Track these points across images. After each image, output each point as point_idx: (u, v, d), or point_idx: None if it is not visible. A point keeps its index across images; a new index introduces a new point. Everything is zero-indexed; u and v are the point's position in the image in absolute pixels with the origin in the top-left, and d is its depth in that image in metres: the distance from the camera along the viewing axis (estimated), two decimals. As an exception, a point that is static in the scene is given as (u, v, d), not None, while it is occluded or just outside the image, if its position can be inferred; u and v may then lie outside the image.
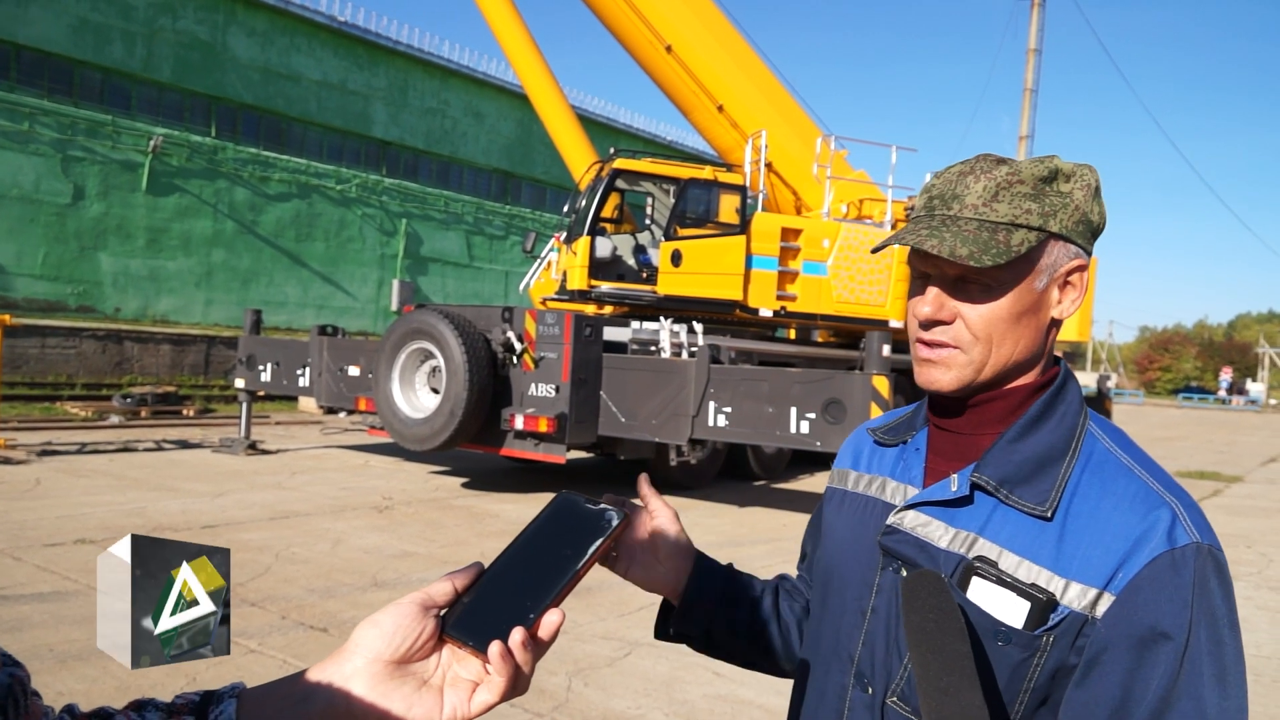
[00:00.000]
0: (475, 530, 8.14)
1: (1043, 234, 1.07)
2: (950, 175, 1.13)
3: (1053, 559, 1.03)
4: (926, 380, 1.14)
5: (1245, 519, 11.36)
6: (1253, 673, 5.38)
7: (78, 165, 21.52)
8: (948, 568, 1.08)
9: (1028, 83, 26.43)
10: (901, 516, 1.15)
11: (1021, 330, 1.10)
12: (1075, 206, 1.09)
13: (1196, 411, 50.07)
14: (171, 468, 10.54)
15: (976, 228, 1.07)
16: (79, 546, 6.68)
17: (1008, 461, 1.09)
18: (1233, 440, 26.47)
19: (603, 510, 0.93)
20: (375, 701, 0.82)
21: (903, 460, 1.22)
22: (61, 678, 4.31)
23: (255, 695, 0.82)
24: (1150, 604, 0.97)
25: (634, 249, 12.05)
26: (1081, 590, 1.00)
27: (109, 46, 23.02)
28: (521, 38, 13.59)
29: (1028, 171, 1.08)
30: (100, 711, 0.80)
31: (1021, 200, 1.07)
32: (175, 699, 0.82)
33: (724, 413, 8.85)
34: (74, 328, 18.78)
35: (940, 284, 1.11)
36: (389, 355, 10.06)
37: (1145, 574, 0.98)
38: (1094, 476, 1.07)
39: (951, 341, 1.11)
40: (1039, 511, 1.05)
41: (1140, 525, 1.01)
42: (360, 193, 27.64)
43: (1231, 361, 76.98)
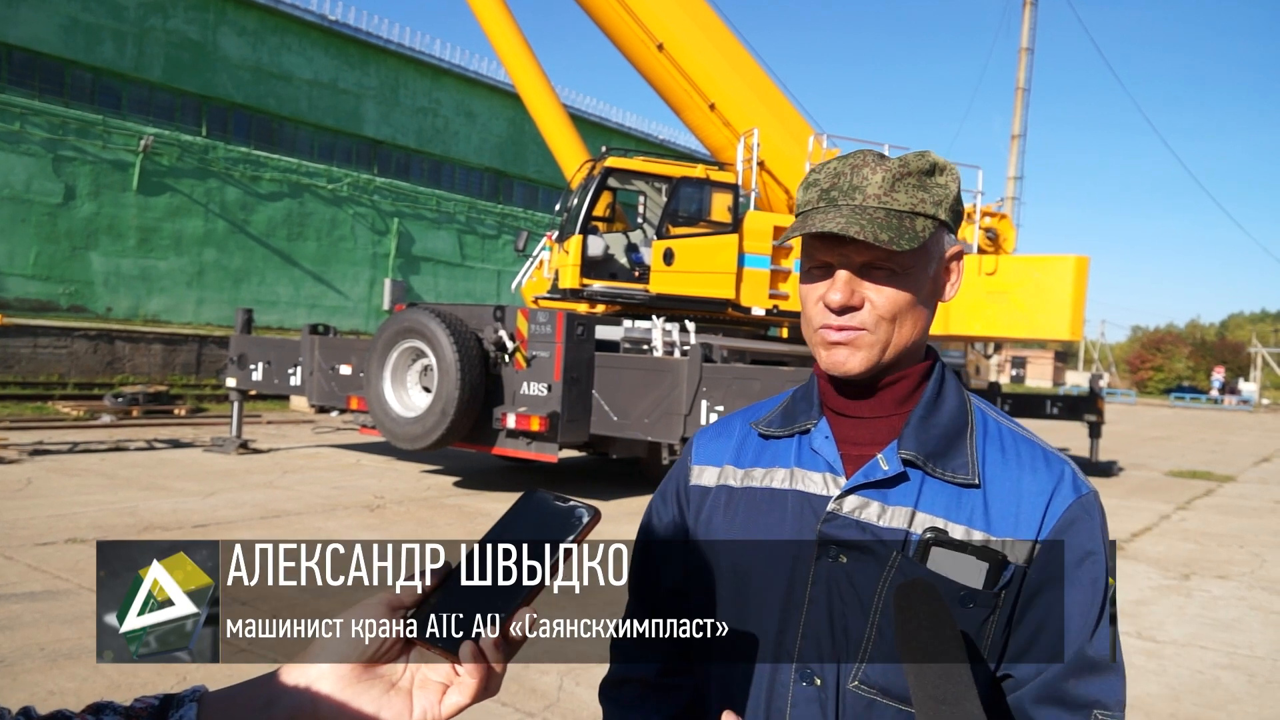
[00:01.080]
0: (467, 529, 8.13)
1: (936, 221, 1.16)
2: (838, 169, 1.18)
3: (986, 522, 1.13)
4: (835, 364, 1.18)
5: (1238, 519, 11.40)
6: (1246, 673, 5.41)
7: (69, 165, 21.46)
8: (893, 544, 1.11)
9: (1020, 81, 26.49)
10: (841, 502, 1.16)
11: (919, 313, 1.19)
12: (953, 197, 1.18)
13: (1189, 411, 50.25)
14: (163, 467, 10.51)
15: (885, 215, 1.13)
16: (70, 546, 6.66)
17: (927, 438, 1.17)
18: (1225, 440, 26.57)
19: (573, 507, 0.90)
20: (343, 704, 0.80)
21: (809, 449, 1.23)
22: (53, 676, 4.30)
23: (217, 699, 0.81)
24: (1074, 543, 1.11)
25: (626, 248, 12.05)
26: (1019, 545, 1.11)
27: (99, 46, 22.95)
28: (513, 37, 13.58)
29: (914, 164, 1.17)
30: (58, 714, 0.78)
31: (915, 190, 1.15)
32: (134, 702, 0.80)
33: (716, 411, 8.85)
34: (66, 327, 18.73)
35: (848, 270, 1.16)
36: (380, 354, 10.04)
37: (1065, 518, 1.13)
38: (994, 444, 1.19)
39: (860, 325, 1.16)
40: (967, 480, 1.15)
41: (1050, 481, 1.15)
42: (352, 192, 27.60)
43: (1224, 361, 77.16)
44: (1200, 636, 6.13)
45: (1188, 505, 12.26)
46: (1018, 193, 29.55)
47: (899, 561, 1.10)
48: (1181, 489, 13.99)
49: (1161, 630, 6.21)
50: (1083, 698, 1.08)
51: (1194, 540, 9.67)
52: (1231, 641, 6.05)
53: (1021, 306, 12.33)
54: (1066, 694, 1.08)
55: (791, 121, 12.87)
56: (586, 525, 0.89)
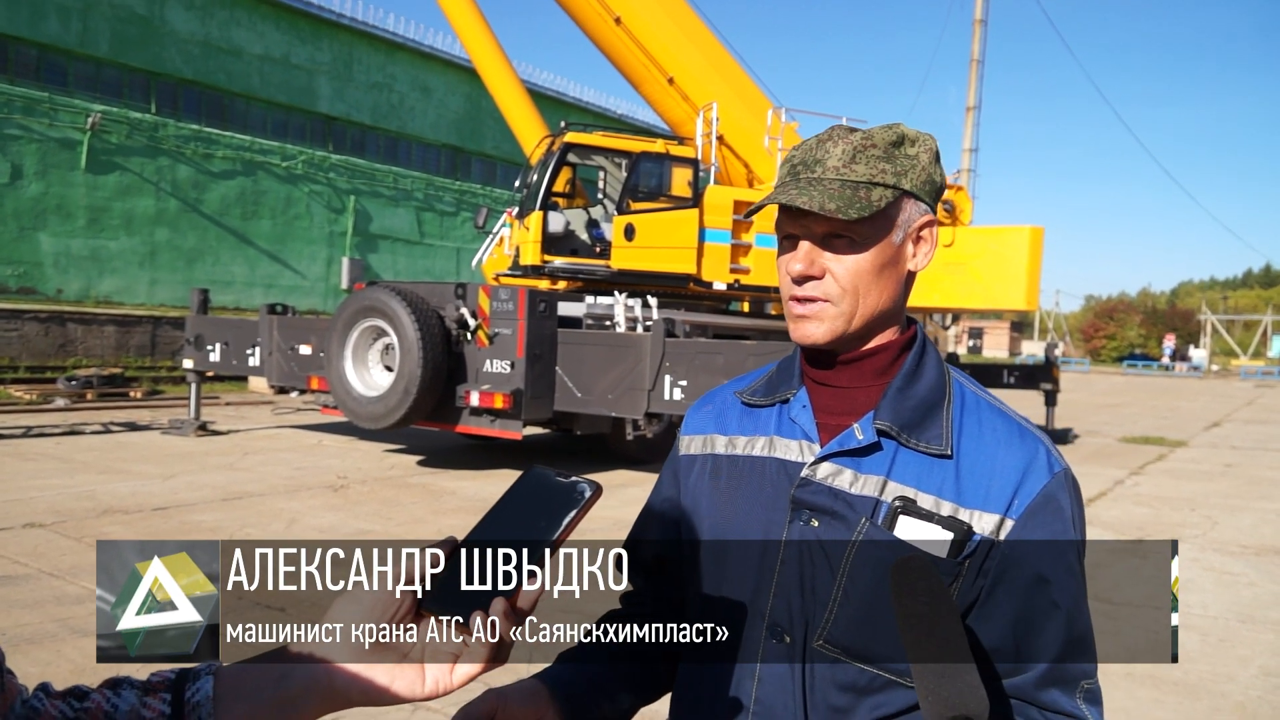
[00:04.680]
0: (432, 508, 8.12)
1: (897, 191, 1.19)
2: (810, 144, 1.23)
3: (955, 493, 1.16)
4: (801, 335, 1.23)
5: (1190, 483, 11.65)
6: (1199, 632, 5.55)
7: (14, 144, 20.94)
8: (863, 511, 1.16)
9: (974, 53, 26.66)
10: (815, 469, 1.20)
11: (884, 282, 1.21)
12: (922, 168, 1.21)
13: (1140, 378, 51.16)
14: (120, 450, 10.38)
15: (840, 186, 1.17)
16: (28, 530, 6.57)
17: (903, 408, 1.20)
18: (1176, 406, 27.09)
19: (575, 483, 0.93)
20: (357, 675, 0.82)
21: (788, 418, 1.27)
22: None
23: (232, 672, 0.82)
24: (1046, 520, 1.15)
25: (587, 223, 12.02)
26: (987, 518, 1.15)
27: (44, 22, 22.37)
28: (470, 13, 13.45)
29: (879, 137, 1.20)
30: (75, 689, 0.79)
31: (876, 161, 1.19)
32: (151, 676, 0.82)
33: (680, 386, 8.89)
34: (15, 310, 18.35)
35: (810, 241, 1.20)
36: (341, 333, 9.96)
37: (1039, 498, 1.15)
38: (971, 417, 1.22)
39: (822, 295, 1.20)
40: (940, 452, 1.18)
41: (1025, 458, 1.18)
42: (306, 169, 27.22)
43: (1174, 329, 78.39)
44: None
45: (1141, 470, 12.51)
46: (973, 164, 29.83)
47: (867, 528, 1.15)
48: (1135, 454, 14.27)
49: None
50: (1074, 674, 1.14)
51: (1147, 504, 9.88)
52: (1185, 602, 6.21)
53: (978, 277, 12.49)
54: (1063, 674, 1.14)
55: (750, 95, 12.88)
56: (589, 500, 0.92)
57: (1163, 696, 4.55)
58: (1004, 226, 12.97)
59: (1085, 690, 1.15)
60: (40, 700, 0.79)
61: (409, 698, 0.84)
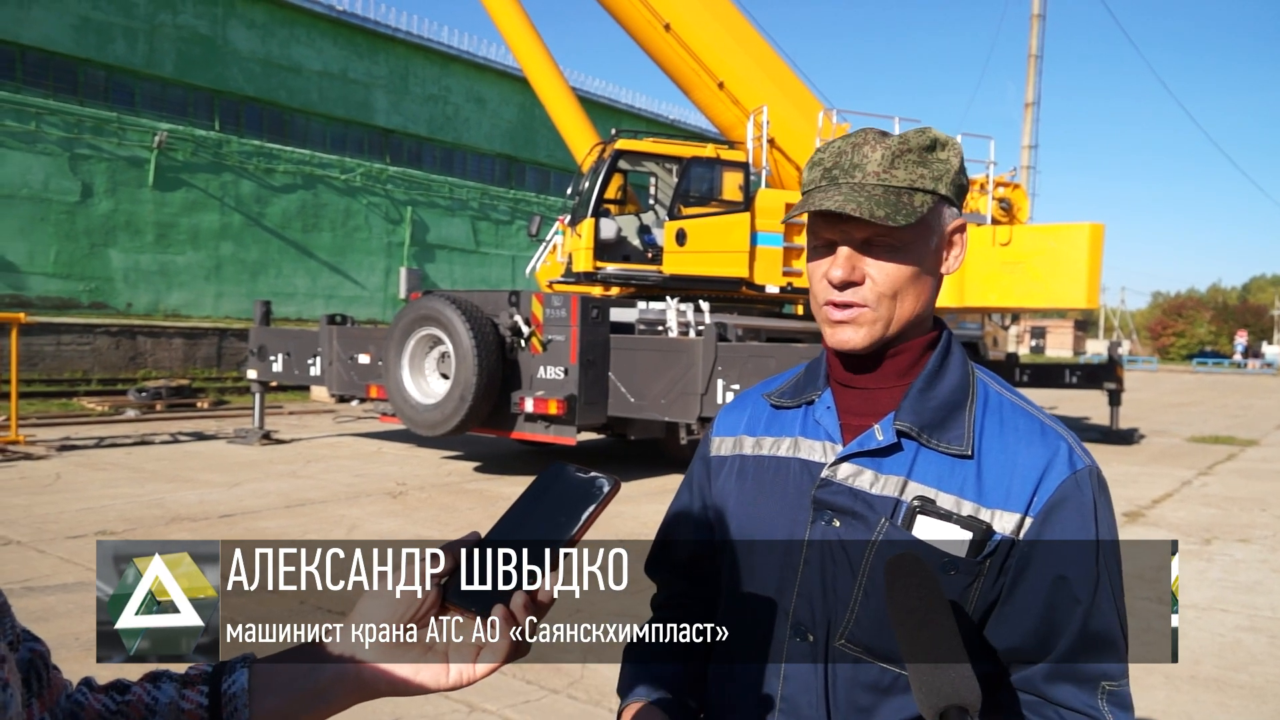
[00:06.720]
0: (488, 513, 8.21)
1: (936, 196, 1.20)
2: (841, 147, 1.22)
3: (977, 493, 1.16)
4: (840, 341, 1.23)
5: (1261, 482, 11.35)
6: (1267, 635, 5.42)
7: (85, 163, 21.63)
8: (883, 511, 1.17)
9: (1032, 49, 26.26)
10: (835, 469, 1.21)
11: (920, 287, 1.22)
12: (954, 172, 1.21)
13: (1211, 376, 49.86)
14: (188, 459, 10.65)
15: (883, 192, 1.17)
16: (100, 539, 6.77)
17: (924, 409, 1.21)
18: (1248, 404, 26.36)
19: (594, 478, 0.95)
20: (382, 668, 0.86)
21: (812, 419, 1.28)
22: (88, 665, 4.39)
23: (266, 665, 0.87)
24: (1065, 518, 1.14)
25: (638, 229, 12.07)
26: (1007, 517, 1.15)
27: (111, 44, 23.07)
28: (519, 21, 13.57)
29: (914, 141, 1.20)
30: (117, 683, 0.84)
31: (914, 166, 1.19)
32: (189, 670, 0.86)
33: (732, 390, 8.88)
34: (87, 324, 18.93)
35: (849, 247, 1.20)
36: (398, 342, 10.12)
37: (1058, 495, 1.15)
38: (994, 417, 1.22)
39: (860, 301, 1.20)
40: (960, 452, 1.18)
41: (1045, 455, 1.17)
42: (365, 181, 27.69)
43: (1246, 325, 76.40)
44: (1221, 600, 6.15)
45: (1209, 470, 12.22)
46: (1033, 161, 29.33)
47: (886, 528, 1.16)
48: (1203, 454, 13.93)
49: (1183, 594, 6.21)
50: (1091, 672, 1.12)
51: (1215, 505, 9.65)
52: (1253, 604, 6.07)
53: (1037, 276, 12.29)
54: (1076, 671, 1.13)
55: (801, 97, 12.84)
56: (608, 494, 0.94)
57: (1228, 700, 4.45)
58: (1063, 224, 12.74)
59: (1108, 692, 1.13)
60: (84, 694, 0.84)
61: (434, 688, 0.88)
